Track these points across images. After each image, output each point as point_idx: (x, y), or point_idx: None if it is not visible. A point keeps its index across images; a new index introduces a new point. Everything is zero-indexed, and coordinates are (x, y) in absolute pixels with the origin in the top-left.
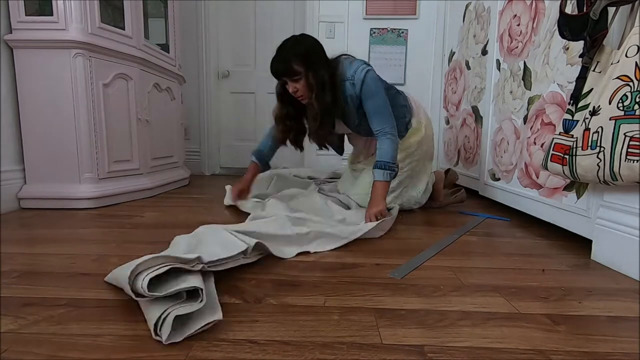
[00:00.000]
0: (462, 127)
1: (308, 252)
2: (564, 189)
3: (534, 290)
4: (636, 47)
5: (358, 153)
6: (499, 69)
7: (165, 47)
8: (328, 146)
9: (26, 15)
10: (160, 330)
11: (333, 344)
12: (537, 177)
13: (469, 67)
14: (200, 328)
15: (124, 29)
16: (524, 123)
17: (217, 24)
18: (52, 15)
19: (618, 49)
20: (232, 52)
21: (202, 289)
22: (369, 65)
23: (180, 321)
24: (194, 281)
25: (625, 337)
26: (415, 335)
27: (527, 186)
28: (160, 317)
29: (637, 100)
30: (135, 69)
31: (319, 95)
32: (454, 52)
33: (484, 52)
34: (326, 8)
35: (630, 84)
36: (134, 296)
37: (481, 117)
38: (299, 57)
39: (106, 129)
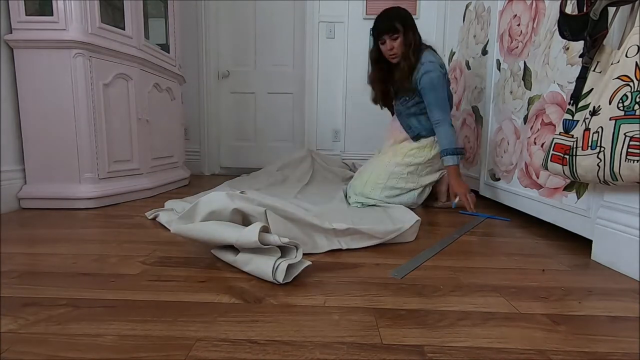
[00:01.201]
0: (463, 127)
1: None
2: (564, 189)
3: (534, 290)
4: (636, 47)
5: (385, 139)
6: (499, 69)
7: (165, 47)
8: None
9: (26, 15)
10: (275, 275)
11: (333, 344)
12: (537, 177)
13: (469, 67)
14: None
15: (124, 29)
16: (524, 123)
17: (217, 24)
18: (52, 15)
19: (618, 49)
20: (232, 52)
21: (298, 246)
22: (442, 66)
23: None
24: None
25: (625, 337)
26: (415, 335)
27: (527, 186)
28: (274, 266)
29: (637, 100)
30: (135, 69)
31: (406, 55)
32: (454, 52)
33: (484, 52)
34: (326, 8)
35: (631, 84)
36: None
37: (481, 117)
38: (400, 18)
39: (106, 129)
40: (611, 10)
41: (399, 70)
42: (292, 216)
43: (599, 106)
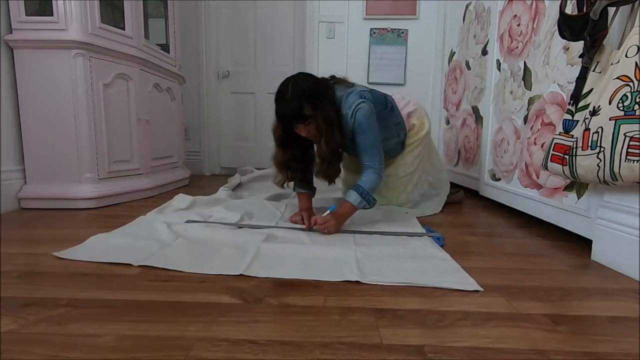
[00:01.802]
0: (463, 127)
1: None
2: (564, 189)
3: (534, 290)
4: (636, 47)
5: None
6: (499, 69)
7: (165, 47)
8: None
9: (26, 15)
10: None
11: (333, 344)
12: (538, 177)
13: (469, 67)
14: None
15: (124, 29)
16: (524, 123)
17: (217, 24)
18: (52, 15)
19: (618, 49)
20: (232, 52)
21: None
22: (362, 97)
23: None
24: None
25: (625, 337)
26: (415, 335)
27: (527, 186)
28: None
29: (637, 100)
30: (135, 69)
31: (329, 137)
32: (454, 52)
33: (484, 52)
34: (326, 8)
35: (630, 84)
36: None
37: (481, 117)
38: (307, 98)
39: (106, 129)
40: (611, 10)
41: (319, 152)
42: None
43: (599, 106)
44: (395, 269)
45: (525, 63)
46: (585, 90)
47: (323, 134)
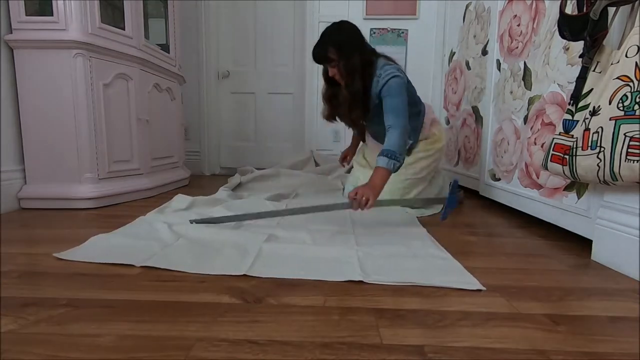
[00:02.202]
0: (463, 127)
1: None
2: (564, 189)
3: (534, 290)
4: (636, 47)
5: (373, 149)
6: (499, 69)
7: (165, 47)
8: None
9: (26, 15)
10: None
11: (333, 344)
12: (538, 177)
13: (469, 67)
14: None
15: (124, 29)
16: (524, 123)
17: (217, 24)
18: (52, 15)
19: (618, 49)
20: (232, 52)
21: None
22: (401, 72)
23: None
24: None
25: (625, 337)
26: (415, 335)
27: (527, 186)
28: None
29: (637, 100)
30: (135, 69)
31: (348, 82)
32: (454, 52)
33: (484, 52)
34: (326, 8)
35: (630, 84)
36: None
37: (481, 117)
38: (335, 45)
39: (106, 129)
40: (611, 10)
41: (341, 99)
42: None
43: (599, 106)
44: (397, 269)
45: (525, 63)
46: (585, 90)
47: (344, 78)
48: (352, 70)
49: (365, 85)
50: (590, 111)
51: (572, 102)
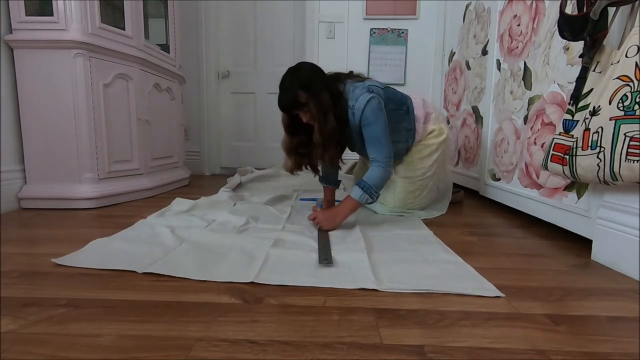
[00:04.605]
0: (463, 127)
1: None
2: (564, 189)
3: (534, 290)
4: (636, 47)
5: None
6: (499, 69)
7: (165, 47)
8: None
9: (26, 15)
10: None
11: (333, 344)
12: (538, 177)
13: (469, 67)
14: None
15: (124, 29)
16: (524, 123)
17: (217, 24)
18: (52, 15)
19: (618, 49)
20: (232, 52)
21: None
22: (371, 91)
23: None
24: None
25: (625, 337)
26: (415, 335)
27: (527, 186)
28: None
29: (637, 100)
30: (135, 69)
31: (322, 122)
32: (454, 52)
33: (484, 52)
34: (326, 8)
35: (630, 84)
36: None
37: (481, 117)
38: (301, 86)
39: (106, 129)
40: (611, 10)
41: (317, 139)
42: None
43: (599, 106)
44: (410, 275)
45: (525, 63)
46: (585, 90)
47: (316, 120)
48: (324, 107)
49: (342, 119)
50: (590, 111)
51: (572, 102)
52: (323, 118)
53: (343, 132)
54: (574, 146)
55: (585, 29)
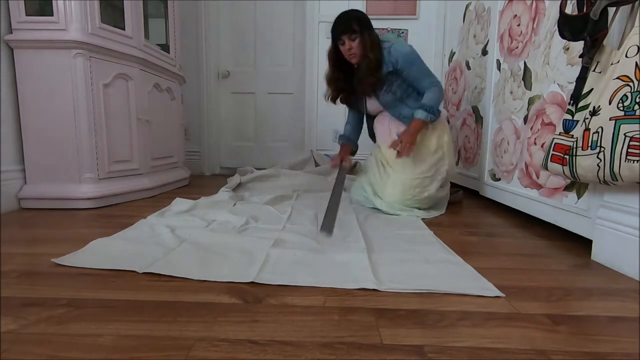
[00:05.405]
0: (462, 127)
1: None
2: (564, 189)
3: (534, 290)
4: (636, 47)
5: (383, 141)
6: (499, 69)
7: (165, 47)
8: (364, 108)
9: (26, 15)
10: None
11: (333, 344)
12: (538, 177)
13: (469, 67)
14: None
15: (124, 29)
16: (524, 123)
17: (217, 24)
18: (52, 15)
19: (618, 49)
20: (232, 52)
21: None
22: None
23: None
24: None
25: (625, 337)
26: (415, 335)
27: (527, 186)
28: None
29: (637, 100)
30: (135, 69)
31: (367, 53)
32: (454, 52)
33: (484, 52)
34: (326, 8)
35: (631, 84)
36: None
37: (481, 117)
38: (357, 20)
39: (106, 129)
40: (611, 10)
41: (361, 70)
42: None
43: (599, 106)
44: (410, 275)
45: (525, 63)
46: (585, 90)
47: (363, 49)
48: (371, 41)
49: (379, 61)
50: (590, 111)
51: (572, 102)
52: (370, 48)
53: (380, 65)
54: (574, 146)
55: (585, 29)
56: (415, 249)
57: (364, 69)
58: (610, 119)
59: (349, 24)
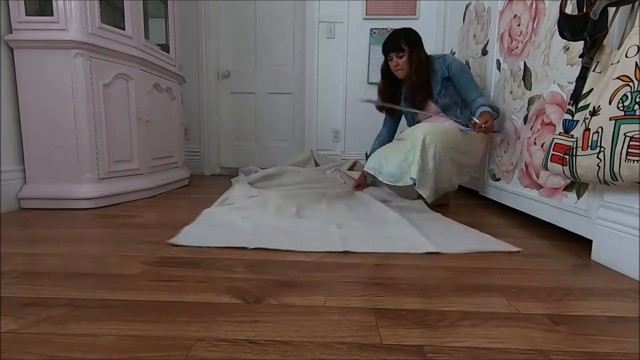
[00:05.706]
0: None
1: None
2: (564, 189)
3: (534, 290)
4: (636, 47)
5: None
6: (499, 69)
7: (165, 47)
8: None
9: (26, 15)
10: None
11: (333, 344)
12: (538, 178)
13: (469, 67)
14: None
15: (124, 29)
16: (524, 123)
17: (217, 24)
18: (52, 15)
19: (618, 49)
20: (232, 52)
21: None
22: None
23: None
24: None
25: (625, 337)
26: (415, 335)
27: (527, 186)
28: None
29: (637, 100)
30: (135, 69)
31: (415, 70)
32: (454, 52)
33: (484, 52)
34: (326, 8)
35: (630, 84)
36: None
37: None
38: (406, 38)
39: (106, 129)
40: (611, 10)
41: (406, 86)
42: None
43: (599, 106)
44: (452, 241)
45: (525, 63)
46: (585, 90)
47: (410, 66)
48: (418, 59)
49: (428, 75)
50: (590, 111)
51: (572, 102)
52: (416, 67)
53: (429, 81)
54: (574, 146)
55: (585, 29)
56: (442, 224)
57: (408, 87)
58: (610, 119)
59: (397, 42)
